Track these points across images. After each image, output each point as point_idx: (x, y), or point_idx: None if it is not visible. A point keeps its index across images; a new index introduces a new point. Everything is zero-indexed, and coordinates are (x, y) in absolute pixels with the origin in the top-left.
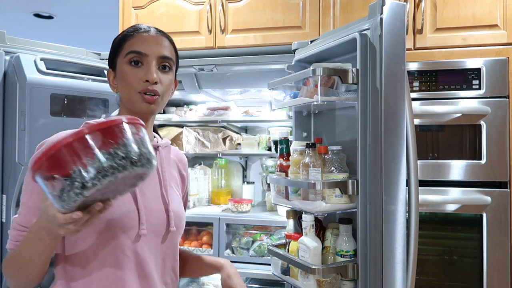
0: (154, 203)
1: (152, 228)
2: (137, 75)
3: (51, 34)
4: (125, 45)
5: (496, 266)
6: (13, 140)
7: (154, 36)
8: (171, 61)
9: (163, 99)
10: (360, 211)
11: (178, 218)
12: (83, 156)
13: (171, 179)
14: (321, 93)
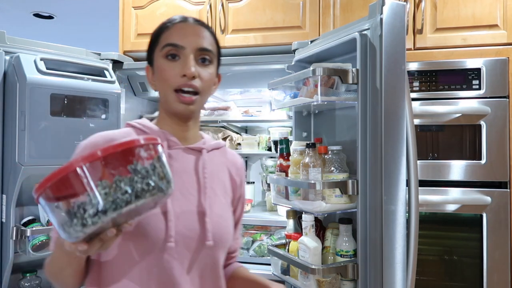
0: (188, 211)
1: (183, 240)
2: (173, 69)
3: (51, 34)
4: (161, 37)
5: (496, 266)
6: (13, 140)
7: (192, 27)
8: (211, 53)
9: (203, 96)
10: (360, 211)
11: (218, 231)
12: (80, 191)
13: (215, 185)
14: (321, 93)
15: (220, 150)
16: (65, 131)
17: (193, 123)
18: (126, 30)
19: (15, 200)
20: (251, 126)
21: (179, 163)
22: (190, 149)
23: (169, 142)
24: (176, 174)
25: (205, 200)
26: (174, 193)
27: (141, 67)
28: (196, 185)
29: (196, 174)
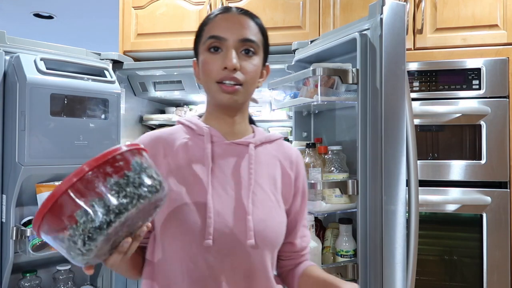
0: (229, 208)
1: (222, 238)
2: (215, 62)
3: (51, 34)
4: (204, 31)
5: (496, 266)
6: (13, 140)
7: (235, 16)
8: (255, 44)
9: (248, 88)
10: (360, 211)
11: (263, 230)
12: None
13: (264, 180)
14: (321, 93)
15: (274, 143)
16: (65, 131)
17: (240, 117)
18: (126, 30)
19: (15, 200)
20: None
21: (223, 159)
22: (236, 144)
23: (213, 138)
24: (220, 171)
25: (248, 197)
26: (216, 190)
27: (141, 67)
28: (240, 182)
29: (241, 170)
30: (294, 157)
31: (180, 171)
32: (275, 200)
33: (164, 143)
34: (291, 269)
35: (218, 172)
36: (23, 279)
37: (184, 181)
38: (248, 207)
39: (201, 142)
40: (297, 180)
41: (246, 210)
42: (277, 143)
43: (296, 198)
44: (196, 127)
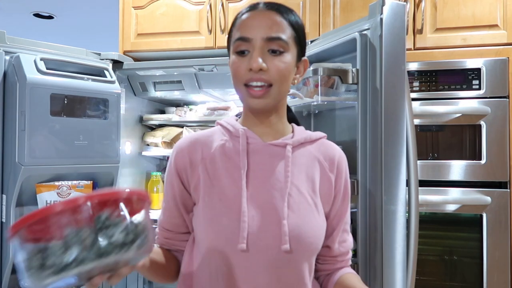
0: (264, 212)
1: (258, 243)
2: (242, 64)
3: (51, 34)
4: (233, 32)
5: (496, 266)
6: (13, 140)
7: (261, 13)
8: (283, 42)
9: (279, 87)
10: (360, 211)
11: (298, 235)
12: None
13: (302, 183)
14: (321, 93)
15: (315, 143)
16: (65, 131)
17: (275, 117)
18: (126, 30)
19: (15, 200)
20: None
21: (259, 161)
22: (273, 145)
23: (249, 139)
24: (255, 173)
25: (284, 200)
26: (251, 192)
27: (141, 67)
28: (276, 184)
29: (278, 172)
30: (336, 157)
31: (216, 173)
32: (313, 204)
33: (203, 145)
34: (328, 274)
35: (254, 174)
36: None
37: (219, 183)
38: (284, 211)
39: (237, 143)
40: (338, 182)
41: (282, 214)
42: (319, 143)
43: (336, 201)
44: (233, 128)
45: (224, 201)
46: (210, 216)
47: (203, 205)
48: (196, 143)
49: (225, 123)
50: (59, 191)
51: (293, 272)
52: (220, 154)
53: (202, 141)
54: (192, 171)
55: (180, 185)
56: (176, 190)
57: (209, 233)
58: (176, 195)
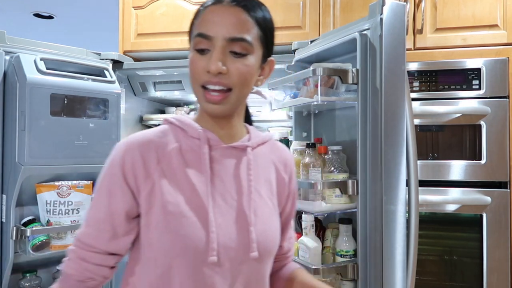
0: (230, 220)
1: (226, 252)
2: (200, 64)
3: (51, 34)
4: (194, 25)
5: (496, 266)
6: (13, 140)
7: (226, 9)
8: (246, 43)
9: (239, 92)
10: (360, 211)
11: (264, 240)
12: None
13: (261, 186)
14: (321, 93)
15: (267, 144)
16: (65, 131)
17: (236, 119)
18: (126, 30)
19: (15, 200)
20: None
21: (221, 165)
22: (233, 148)
23: (210, 142)
24: (218, 178)
25: (249, 206)
26: (215, 199)
27: (141, 67)
28: (239, 189)
29: (240, 176)
30: (288, 159)
31: (176, 179)
32: (272, 206)
33: (157, 147)
34: (275, 271)
35: (217, 179)
36: (23, 279)
37: (181, 190)
38: (250, 217)
39: (196, 146)
40: (290, 183)
41: (248, 221)
42: (270, 144)
43: (288, 201)
44: (190, 128)
45: (188, 210)
46: (174, 227)
47: (162, 216)
48: (150, 144)
49: (178, 122)
50: (59, 191)
51: (260, 277)
52: (178, 158)
53: (156, 142)
54: (145, 177)
55: (127, 192)
56: (120, 199)
57: (172, 247)
58: (118, 205)
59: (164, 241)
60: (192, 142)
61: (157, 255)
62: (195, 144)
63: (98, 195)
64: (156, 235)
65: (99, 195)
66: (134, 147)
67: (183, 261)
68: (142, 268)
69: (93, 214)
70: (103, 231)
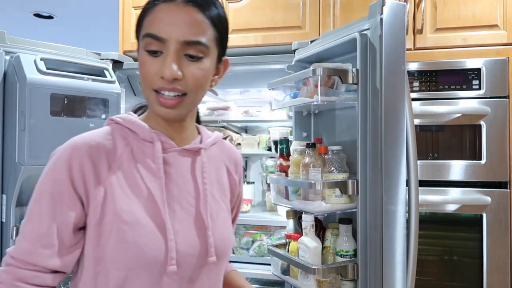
0: (188, 226)
1: (184, 260)
2: (153, 67)
3: (51, 34)
4: (144, 21)
5: (496, 266)
6: (13, 140)
7: (179, 8)
8: (203, 46)
9: (194, 96)
10: (360, 211)
11: (221, 243)
12: None
13: (215, 189)
14: (321, 93)
15: (217, 144)
16: (65, 131)
17: (189, 122)
18: (126, 30)
19: (15, 200)
20: (251, 126)
21: (176, 169)
22: (186, 150)
23: (164, 145)
24: (173, 182)
25: (205, 210)
26: (171, 206)
27: None
28: (194, 193)
29: (195, 180)
30: (238, 160)
31: (129, 185)
32: (226, 209)
33: (107, 151)
34: None
35: (171, 184)
36: None
37: (135, 197)
38: (207, 221)
39: (148, 149)
40: (239, 184)
41: (206, 225)
42: (220, 144)
43: (237, 202)
44: (141, 131)
45: (145, 218)
46: (130, 236)
47: (116, 226)
48: (99, 148)
49: (127, 123)
50: None
51: (217, 280)
52: (129, 162)
53: (105, 146)
54: (96, 184)
55: (76, 200)
56: (67, 208)
57: (129, 259)
58: (65, 215)
59: (119, 253)
60: (143, 145)
61: (110, 268)
62: (147, 147)
63: (38, 205)
64: (109, 247)
65: (40, 204)
66: (82, 150)
67: (141, 273)
68: (90, 284)
69: (33, 226)
70: (46, 246)
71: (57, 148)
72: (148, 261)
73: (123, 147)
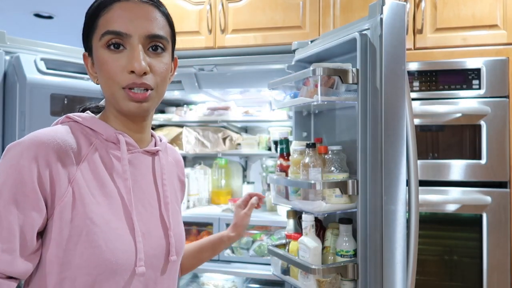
0: (152, 227)
1: (151, 261)
2: (118, 63)
3: (51, 34)
4: (99, 21)
5: (496, 266)
6: (13, 140)
7: (138, 5)
8: (164, 40)
9: (160, 91)
10: (360, 211)
11: (179, 243)
12: None
13: (170, 191)
14: (321, 93)
15: (166, 149)
16: None
17: (149, 122)
18: None
19: None
20: (251, 126)
21: (139, 170)
22: (147, 152)
23: (128, 146)
24: (137, 185)
25: (166, 211)
26: (137, 207)
27: None
28: (155, 195)
29: (155, 182)
30: (181, 160)
31: (97, 187)
32: (178, 209)
33: (73, 150)
34: None
35: (136, 186)
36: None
37: (104, 199)
38: (169, 222)
39: (112, 150)
40: (184, 185)
41: (168, 226)
42: (165, 146)
43: (183, 200)
44: (105, 131)
45: (114, 220)
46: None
47: (85, 229)
48: (66, 147)
49: (88, 123)
50: None
51: (175, 277)
52: (95, 162)
53: (71, 145)
54: (63, 183)
55: (40, 201)
56: (30, 209)
57: (99, 263)
58: (29, 217)
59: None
60: (107, 146)
61: (78, 274)
62: (110, 148)
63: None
64: (78, 251)
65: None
66: (49, 148)
67: (110, 277)
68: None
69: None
70: (6, 251)
71: (14, 143)
72: (118, 265)
73: (87, 147)
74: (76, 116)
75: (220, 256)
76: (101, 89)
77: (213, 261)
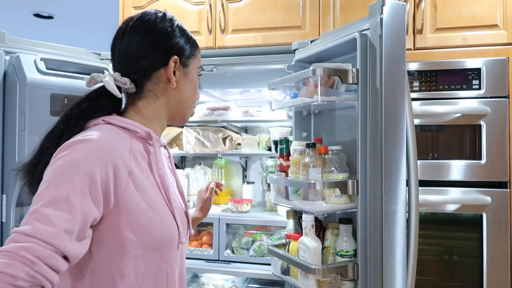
0: (180, 209)
1: (184, 234)
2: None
3: (51, 34)
4: (198, 53)
5: (496, 266)
6: (13, 140)
7: None
8: None
9: None
10: (360, 211)
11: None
12: None
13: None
14: (321, 93)
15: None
16: None
17: None
18: None
19: (15, 200)
20: (251, 126)
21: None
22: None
23: (161, 142)
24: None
25: (181, 194)
26: (170, 193)
27: None
28: (174, 182)
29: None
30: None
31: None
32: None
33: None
34: None
35: (166, 176)
36: None
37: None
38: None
39: (144, 145)
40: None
41: (185, 209)
42: None
43: None
44: (139, 130)
45: (161, 205)
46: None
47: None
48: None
49: (123, 124)
50: None
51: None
52: (138, 159)
53: (125, 145)
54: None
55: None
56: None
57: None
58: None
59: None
60: (142, 143)
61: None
62: (143, 143)
63: (66, 191)
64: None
65: (68, 191)
66: (109, 152)
67: (166, 252)
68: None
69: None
70: (68, 232)
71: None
72: (172, 241)
73: (128, 146)
74: (112, 120)
75: (220, 256)
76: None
77: (213, 261)
